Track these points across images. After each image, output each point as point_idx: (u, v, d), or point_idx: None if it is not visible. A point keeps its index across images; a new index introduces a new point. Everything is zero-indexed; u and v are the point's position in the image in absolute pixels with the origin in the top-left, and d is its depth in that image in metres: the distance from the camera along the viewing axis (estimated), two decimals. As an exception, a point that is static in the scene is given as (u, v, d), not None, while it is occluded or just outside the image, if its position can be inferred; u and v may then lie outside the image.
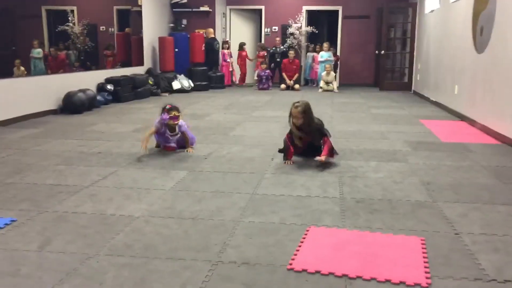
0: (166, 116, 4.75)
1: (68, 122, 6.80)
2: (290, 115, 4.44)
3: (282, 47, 12.61)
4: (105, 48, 9.74)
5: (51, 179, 3.91)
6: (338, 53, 13.17)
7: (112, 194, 3.54)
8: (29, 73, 7.37)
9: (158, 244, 2.67)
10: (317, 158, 4.30)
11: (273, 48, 12.60)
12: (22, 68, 7.21)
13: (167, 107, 4.79)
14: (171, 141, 4.91)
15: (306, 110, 4.38)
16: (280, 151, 4.68)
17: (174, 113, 4.77)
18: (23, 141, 5.43)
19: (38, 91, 7.24)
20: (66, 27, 8.39)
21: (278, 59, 12.41)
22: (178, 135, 4.90)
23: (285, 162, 4.48)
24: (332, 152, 4.47)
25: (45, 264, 2.41)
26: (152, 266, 2.40)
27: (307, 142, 4.55)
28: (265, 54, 12.38)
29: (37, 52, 7.68)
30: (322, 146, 4.39)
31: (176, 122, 4.81)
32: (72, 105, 7.53)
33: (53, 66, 8.13)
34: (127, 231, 2.84)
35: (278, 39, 12.75)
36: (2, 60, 7.03)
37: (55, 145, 5.22)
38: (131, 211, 3.19)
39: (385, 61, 12.14)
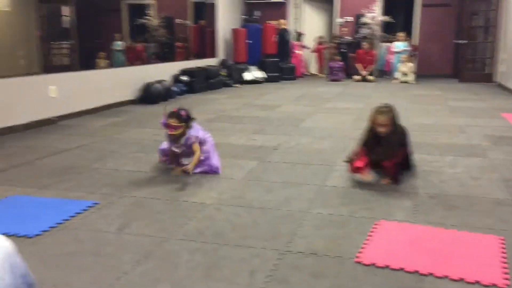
0: (164, 121, 3.71)
1: (146, 111, 7.11)
2: (372, 122, 3.56)
3: (348, 37, 12.33)
4: (177, 40, 10.03)
5: (130, 166, 4.13)
6: (416, 43, 12.68)
7: (185, 181, 3.68)
8: (111, 65, 7.78)
9: (228, 231, 2.75)
10: (384, 181, 3.58)
11: (339, 39, 12.36)
12: (106, 60, 7.62)
13: (171, 111, 3.73)
14: (176, 156, 3.86)
15: (395, 116, 3.55)
16: (347, 161, 3.77)
17: (171, 121, 3.63)
18: (106, 129, 5.76)
19: (119, 82, 7.62)
20: (145, 20, 8.75)
21: (344, 50, 12.16)
22: (184, 149, 3.79)
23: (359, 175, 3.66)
24: (400, 172, 3.65)
25: (124, 245, 2.57)
26: (222, 252, 2.48)
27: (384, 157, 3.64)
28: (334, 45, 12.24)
29: (119, 44, 8.09)
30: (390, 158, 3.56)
31: (172, 133, 3.68)
32: (150, 95, 7.85)
33: (132, 58, 8.53)
34: (199, 218, 2.95)
35: (345, 29, 12.49)
36: (87, 52, 7.47)
37: (133, 134, 5.49)
38: (202, 198, 3.30)
39: (465, 51, 11.52)
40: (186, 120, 3.69)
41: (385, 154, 3.55)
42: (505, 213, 3.00)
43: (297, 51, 12.51)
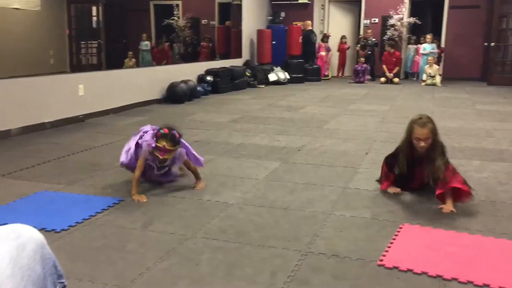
0: (152, 142, 3.30)
1: (171, 111, 7.19)
2: (409, 135, 3.17)
3: (374, 39, 12.21)
4: (202, 40, 10.11)
5: (154, 164, 4.18)
6: (443, 45, 12.49)
7: (208, 180, 3.71)
8: (137, 64, 7.90)
9: (250, 231, 2.76)
10: (442, 207, 3.06)
11: (364, 41, 12.26)
12: (134, 60, 7.74)
13: (162, 131, 3.30)
14: (154, 175, 3.51)
15: (436, 129, 3.15)
16: (378, 181, 3.60)
17: (164, 144, 3.26)
18: (131, 128, 5.84)
19: (145, 81, 7.73)
20: (172, 21, 8.85)
21: (369, 52, 12.05)
22: (166, 169, 3.52)
23: (390, 191, 3.36)
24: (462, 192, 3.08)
25: (148, 242, 2.61)
26: (244, 252, 2.50)
27: (420, 179, 3.27)
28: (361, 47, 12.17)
29: (145, 44, 8.21)
30: (441, 181, 3.06)
31: (163, 157, 3.31)
32: (175, 95, 7.94)
33: (158, 58, 8.64)
34: (222, 217, 2.98)
35: (369, 31, 12.38)
36: (114, 52, 7.60)
37: (158, 133, 5.55)
38: (226, 198, 3.32)
39: (495, 53, 11.29)
40: (179, 141, 3.37)
41: (432, 175, 3.09)
42: (533, 220, 2.93)
43: (322, 53, 12.46)
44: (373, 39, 12.21)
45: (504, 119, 6.55)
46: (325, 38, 12.52)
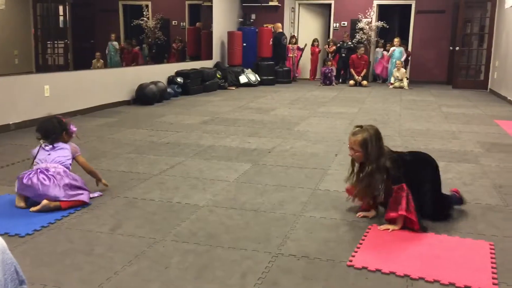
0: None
1: (140, 112, 7.11)
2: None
3: (349, 42, 12.38)
4: (172, 42, 10.01)
5: (123, 166, 4.12)
6: (409, 49, 12.76)
7: (178, 183, 3.68)
8: (106, 65, 7.77)
9: (220, 233, 2.75)
10: (381, 227, 2.81)
11: (340, 43, 12.41)
12: (102, 60, 7.61)
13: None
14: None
15: (368, 142, 2.82)
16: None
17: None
18: (99, 129, 5.74)
19: (114, 82, 7.61)
20: (141, 22, 8.75)
21: (343, 54, 12.21)
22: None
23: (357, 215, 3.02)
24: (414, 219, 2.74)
25: (116, 246, 2.56)
26: (214, 254, 2.48)
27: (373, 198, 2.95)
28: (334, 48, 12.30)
29: (114, 45, 8.08)
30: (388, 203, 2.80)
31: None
32: (144, 96, 7.84)
33: (127, 59, 8.52)
34: (192, 219, 2.95)
35: (346, 34, 12.54)
36: (82, 52, 7.46)
37: (127, 134, 5.48)
38: (196, 200, 3.30)
39: (459, 57, 11.60)
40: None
41: (362, 193, 2.93)
42: (496, 219, 3.02)
43: (291, 55, 12.53)
44: (349, 42, 12.36)
45: (469, 121, 6.74)
46: (292, 39, 12.58)
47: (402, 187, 2.75)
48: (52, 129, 3.18)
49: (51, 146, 3.19)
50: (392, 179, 2.79)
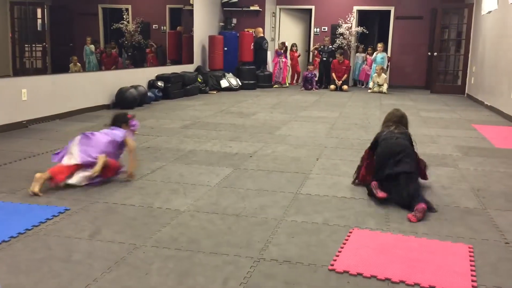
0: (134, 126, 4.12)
1: (120, 117, 7.02)
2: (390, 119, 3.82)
3: (330, 46, 12.46)
4: (153, 45, 9.92)
5: (102, 171, 4.06)
6: (389, 54, 12.92)
7: (159, 188, 3.64)
8: (83, 68, 7.67)
9: (202, 238, 2.73)
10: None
11: (321, 47, 12.49)
12: (79, 64, 7.51)
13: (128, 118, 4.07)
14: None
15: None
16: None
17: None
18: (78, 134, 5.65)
19: (93, 86, 7.52)
20: (121, 25, 8.67)
21: (324, 58, 12.28)
22: None
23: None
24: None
25: (95, 252, 2.52)
26: (196, 260, 2.46)
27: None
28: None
29: (90, 48, 7.98)
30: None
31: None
32: (124, 100, 7.77)
33: (107, 62, 8.43)
34: (173, 225, 2.92)
35: (327, 38, 12.62)
36: (60, 55, 7.35)
37: (107, 139, 5.41)
38: (177, 205, 3.27)
39: (437, 63, 11.79)
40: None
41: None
42: (474, 222, 3.06)
43: (273, 61, 12.54)
44: (330, 47, 12.42)
45: (447, 126, 6.84)
46: (280, 45, 12.60)
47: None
48: (116, 118, 4.01)
49: (108, 128, 3.93)
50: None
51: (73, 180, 3.54)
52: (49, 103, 6.51)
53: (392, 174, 3.35)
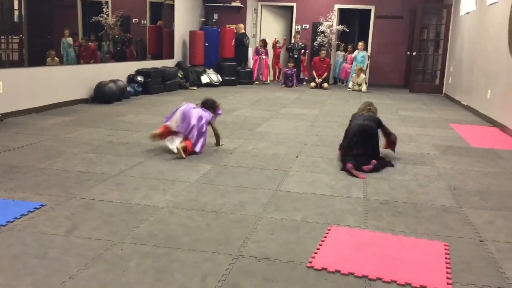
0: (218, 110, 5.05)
1: (98, 111, 6.94)
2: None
3: (300, 43, 12.47)
4: (133, 40, 9.79)
5: (80, 167, 4.01)
6: (369, 53, 13.03)
7: (138, 184, 3.61)
8: (61, 62, 7.54)
9: (181, 235, 2.71)
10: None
11: (291, 44, 12.53)
12: (57, 59, 7.37)
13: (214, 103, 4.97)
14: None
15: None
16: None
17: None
18: (55, 128, 5.57)
19: (71, 80, 7.40)
20: (100, 18, 8.55)
21: (296, 56, 12.32)
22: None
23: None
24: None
25: (72, 249, 2.49)
26: (174, 256, 2.44)
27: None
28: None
29: (68, 41, 7.84)
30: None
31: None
32: (103, 95, 7.67)
33: (86, 56, 8.30)
34: (152, 221, 2.90)
35: (298, 36, 12.68)
36: (39, 48, 7.21)
37: (85, 134, 5.34)
38: (156, 201, 3.24)
39: (416, 62, 11.95)
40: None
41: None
42: (450, 220, 3.11)
43: (252, 59, 12.52)
44: (300, 43, 12.45)
45: (425, 125, 6.94)
46: (260, 43, 12.59)
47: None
48: (207, 103, 4.92)
49: (200, 107, 4.83)
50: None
51: (172, 146, 4.51)
52: (25, 96, 6.39)
53: (355, 154, 4.21)
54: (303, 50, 12.41)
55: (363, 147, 4.24)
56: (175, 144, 4.47)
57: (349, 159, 4.16)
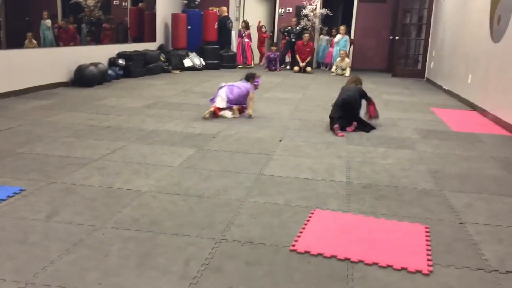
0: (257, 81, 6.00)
1: (79, 95, 6.83)
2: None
3: (298, 27, 12.42)
4: (113, 22, 9.61)
5: (60, 151, 3.95)
6: (352, 37, 13.02)
7: (120, 168, 3.57)
8: (39, 44, 7.37)
9: (164, 219, 2.70)
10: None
11: (288, 28, 12.44)
12: (34, 41, 7.21)
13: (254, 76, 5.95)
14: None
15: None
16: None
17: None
18: (34, 112, 5.47)
19: (50, 63, 7.26)
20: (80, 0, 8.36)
21: (293, 40, 12.22)
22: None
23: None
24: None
25: (52, 234, 2.46)
26: (157, 241, 2.43)
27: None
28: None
29: (46, 23, 7.66)
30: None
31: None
32: (83, 78, 7.54)
33: (65, 38, 8.13)
34: (134, 206, 2.88)
35: (294, 19, 12.58)
36: (16, 30, 7.03)
37: (65, 117, 5.26)
38: (138, 185, 3.22)
39: (399, 47, 11.99)
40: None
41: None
42: (431, 203, 3.16)
43: (235, 41, 12.41)
44: (297, 28, 12.36)
45: (407, 109, 6.99)
46: (243, 24, 12.48)
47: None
48: (248, 76, 5.94)
49: (242, 81, 5.93)
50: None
51: (226, 114, 5.62)
52: (3, 80, 6.25)
53: (340, 116, 5.16)
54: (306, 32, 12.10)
55: (347, 112, 5.21)
56: (230, 112, 5.63)
57: (335, 121, 5.11)
